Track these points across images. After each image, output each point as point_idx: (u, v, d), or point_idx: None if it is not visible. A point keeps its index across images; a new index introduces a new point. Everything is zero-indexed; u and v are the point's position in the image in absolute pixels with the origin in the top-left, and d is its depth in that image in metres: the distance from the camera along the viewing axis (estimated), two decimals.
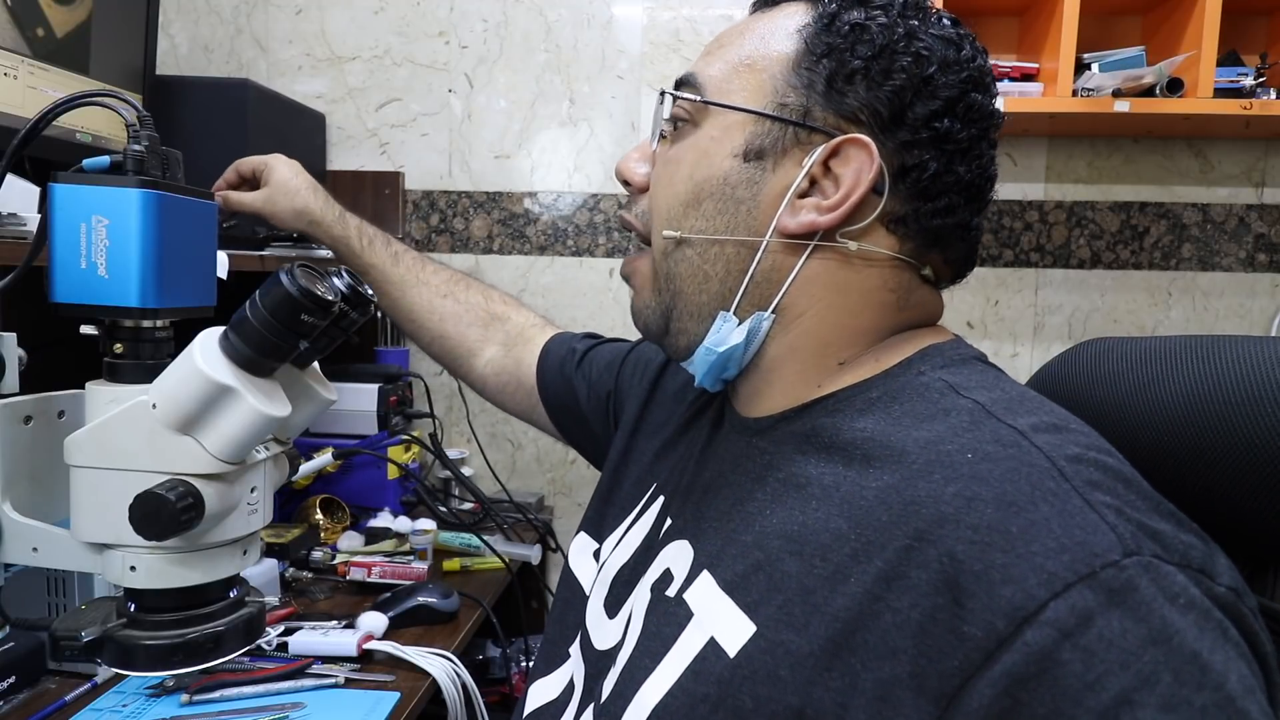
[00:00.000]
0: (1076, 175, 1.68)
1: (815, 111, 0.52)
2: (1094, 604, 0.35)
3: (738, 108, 0.53)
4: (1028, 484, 0.40)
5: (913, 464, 0.44)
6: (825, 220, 0.51)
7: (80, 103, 0.47)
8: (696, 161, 0.55)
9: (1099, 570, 0.36)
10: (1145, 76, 1.37)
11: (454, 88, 1.73)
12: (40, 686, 0.86)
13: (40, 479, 0.50)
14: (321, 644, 0.96)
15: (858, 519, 0.44)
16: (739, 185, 0.53)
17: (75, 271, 0.44)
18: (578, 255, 1.74)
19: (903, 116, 0.50)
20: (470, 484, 1.54)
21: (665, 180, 0.57)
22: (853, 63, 0.50)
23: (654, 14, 1.69)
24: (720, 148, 0.54)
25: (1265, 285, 1.67)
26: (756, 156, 0.53)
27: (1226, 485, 0.46)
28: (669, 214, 0.56)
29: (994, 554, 0.38)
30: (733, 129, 0.54)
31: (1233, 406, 0.46)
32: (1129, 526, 0.37)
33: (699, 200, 0.54)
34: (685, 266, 0.55)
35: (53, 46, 1.07)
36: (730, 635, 0.46)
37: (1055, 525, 0.38)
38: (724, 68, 0.55)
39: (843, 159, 0.51)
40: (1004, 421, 0.44)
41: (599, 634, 0.61)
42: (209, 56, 1.74)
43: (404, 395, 1.56)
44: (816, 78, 0.51)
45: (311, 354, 0.53)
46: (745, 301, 0.54)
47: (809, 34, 0.52)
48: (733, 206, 0.53)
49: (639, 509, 0.67)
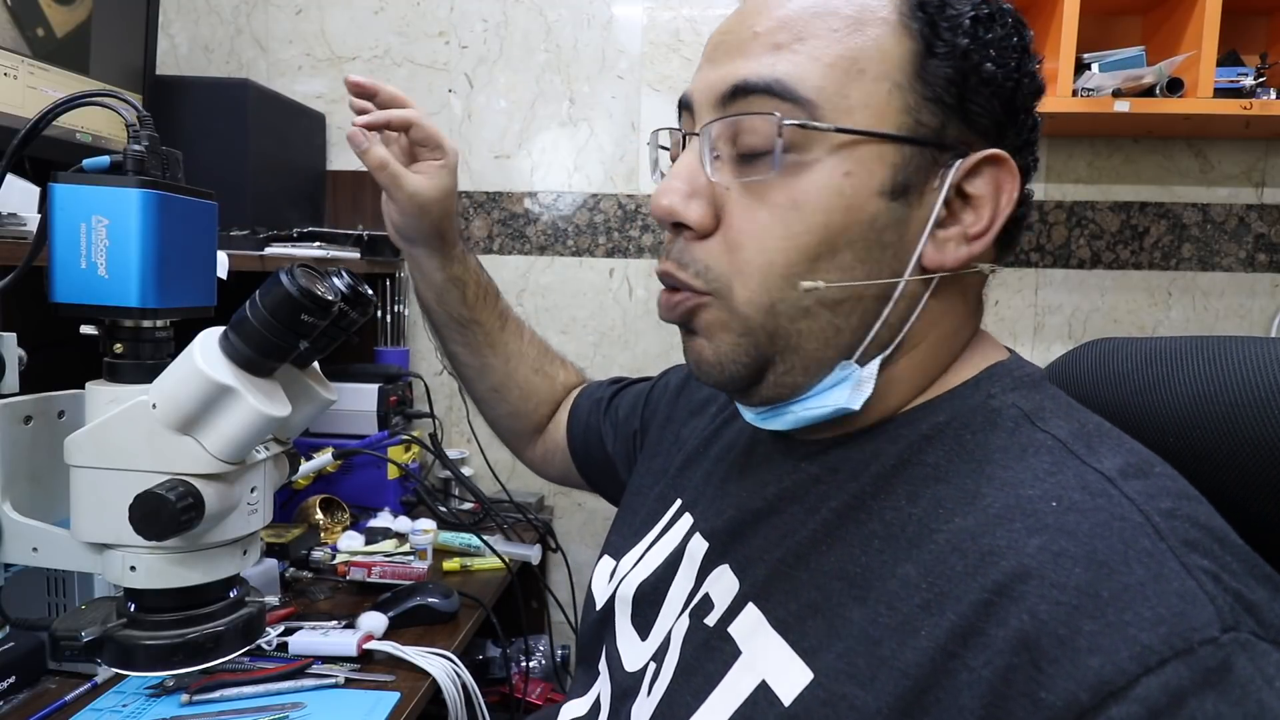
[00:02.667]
0: (1076, 175, 1.68)
1: (950, 129, 0.45)
2: (1188, 683, 0.32)
3: (882, 135, 0.44)
4: (1120, 542, 0.36)
5: (989, 507, 0.40)
6: (977, 250, 0.46)
7: (80, 103, 0.47)
8: (831, 205, 0.44)
9: (1196, 647, 0.33)
10: (1145, 76, 1.37)
11: (454, 88, 1.73)
12: (40, 686, 0.86)
13: (40, 479, 0.49)
14: (321, 644, 0.96)
15: (928, 565, 0.40)
16: (886, 229, 0.45)
17: (75, 271, 0.44)
18: (578, 255, 1.74)
19: (1016, 117, 0.46)
20: (470, 484, 1.54)
21: (777, 229, 0.45)
22: (985, 66, 0.44)
23: (654, 14, 1.69)
24: (861, 185, 0.44)
25: (1265, 285, 1.67)
26: (903, 193, 0.45)
27: (1232, 486, 0.46)
28: (789, 268, 0.45)
29: (1081, 619, 0.35)
30: (869, 160, 0.44)
31: (1239, 407, 0.46)
32: (1227, 598, 0.34)
33: (835, 250, 0.45)
34: (810, 324, 0.46)
35: (53, 46, 1.07)
36: (784, 681, 0.42)
37: (1150, 592, 0.34)
38: (829, 74, 0.44)
39: (977, 177, 0.46)
40: (1088, 464, 0.40)
41: (630, 654, 0.58)
42: (209, 56, 1.74)
43: (404, 395, 1.57)
44: (944, 84, 0.44)
45: (311, 354, 0.53)
46: (871, 347, 0.47)
47: (921, 26, 0.44)
48: (878, 253, 0.45)
49: (662, 525, 0.64)
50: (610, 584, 0.65)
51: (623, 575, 0.63)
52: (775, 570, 0.47)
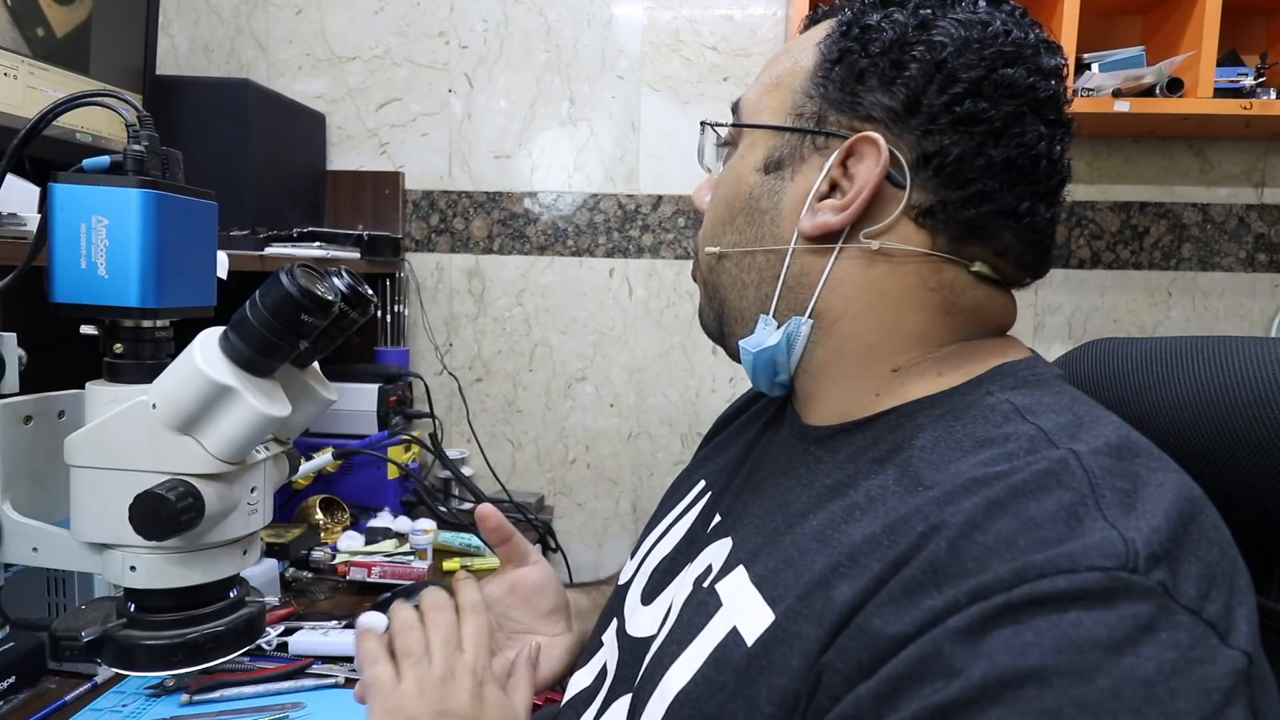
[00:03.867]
0: (1076, 175, 1.67)
1: (830, 117, 0.53)
2: (1058, 593, 0.34)
3: (758, 125, 0.57)
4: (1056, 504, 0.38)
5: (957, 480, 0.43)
6: (838, 220, 0.51)
7: (80, 103, 0.47)
8: (729, 181, 0.58)
9: (1082, 569, 0.34)
10: (1145, 76, 1.37)
11: (454, 88, 1.73)
12: (40, 686, 0.86)
13: (40, 479, 0.49)
14: (321, 644, 0.96)
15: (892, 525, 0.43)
16: (761, 197, 0.56)
17: (75, 271, 0.44)
18: (578, 255, 1.74)
19: (917, 106, 0.50)
20: (470, 484, 1.54)
21: (710, 205, 0.61)
22: (861, 63, 0.51)
23: (654, 14, 1.69)
24: (746, 164, 0.57)
25: (1265, 285, 1.67)
26: (776, 167, 0.55)
27: (1233, 486, 0.46)
28: (710, 232, 0.60)
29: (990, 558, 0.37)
30: (756, 145, 0.57)
31: (1239, 408, 0.46)
32: (1148, 549, 0.35)
33: (732, 216, 0.58)
34: (725, 277, 0.59)
35: (53, 46, 1.07)
36: (750, 624, 0.46)
37: (1061, 525, 0.37)
38: (759, 90, 0.58)
39: (857, 158, 0.51)
40: (1058, 445, 0.42)
41: (635, 621, 0.61)
42: (209, 56, 1.74)
43: (404, 395, 1.57)
44: (831, 84, 0.53)
45: (311, 354, 0.53)
46: (782, 306, 0.55)
47: (826, 44, 0.54)
48: (758, 218, 0.56)
49: (685, 504, 0.68)
50: (635, 559, 0.69)
51: (648, 550, 0.67)
52: (767, 537, 0.51)
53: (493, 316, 1.76)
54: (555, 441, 1.78)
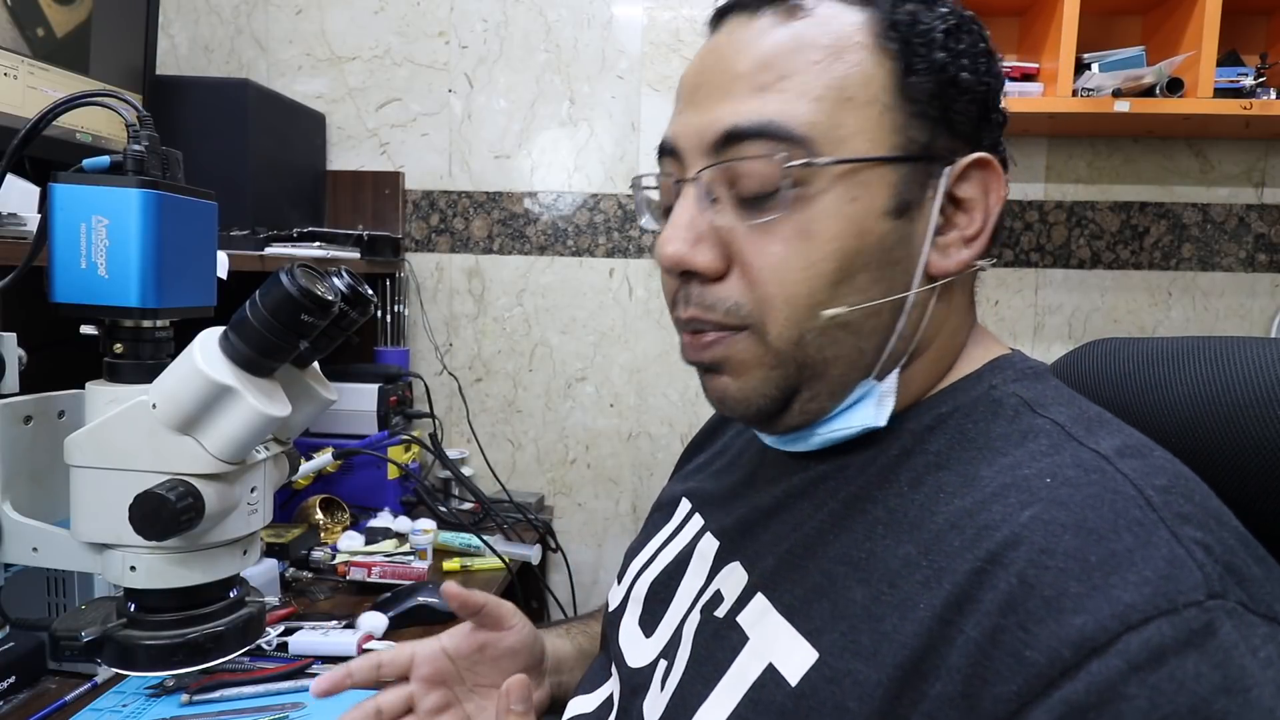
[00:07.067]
0: (1076, 175, 1.68)
1: (938, 140, 0.46)
2: (1170, 642, 0.33)
3: (881, 159, 0.45)
4: (1111, 512, 0.37)
5: (986, 487, 0.41)
6: (976, 251, 0.47)
7: (80, 103, 0.47)
8: (843, 231, 0.45)
9: (1181, 608, 0.33)
10: (1145, 76, 1.37)
11: (454, 88, 1.73)
12: (40, 686, 0.86)
13: (40, 479, 0.49)
14: (321, 644, 0.96)
15: (927, 544, 0.41)
16: (895, 246, 0.46)
17: (75, 271, 0.44)
18: (578, 255, 1.74)
19: (990, 116, 0.47)
20: (470, 484, 1.54)
21: (796, 261, 0.45)
22: (961, 75, 0.45)
23: (654, 14, 1.69)
24: (868, 209, 0.45)
25: (1265, 285, 1.67)
26: (906, 210, 0.46)
27: (1234, 486, 0.46)
28: (812, 296, 0.45)
29: (1068, 581, 0.35)
30: (872, 183, 0.45)
31: (1240, 408, 0.46)
32: (1217, 567, 0.35)
33: (852, 274, 0.45)
34: (836, 349, 0.46)
35: (53, 46, 1.07)
36: (791, 662, 0.43)
37: (1138, 557, 0.35)
38: (819, 108, 0.45)
39: (966, 181, 0.47)
40: (1085, 445, 0.41)
41: (632, 651, 0.59)
42: (209, 56, 1.74)
43: (404, 395, 1.57)
44: (927, 98, 0.46)
45: (311, 354, 0.53)
46: (888, 361, 0.48)
47: (898, 46, 0.45)
48: (890, 270, 0.46)
49: (674, 526, 0.65)
50: (623, 585, 0.66)
51: (635, 574, 0.64)
52: (783, 561, 0.48)
53: (493, 316, 1.76)
54: (555, 441, 1.78)
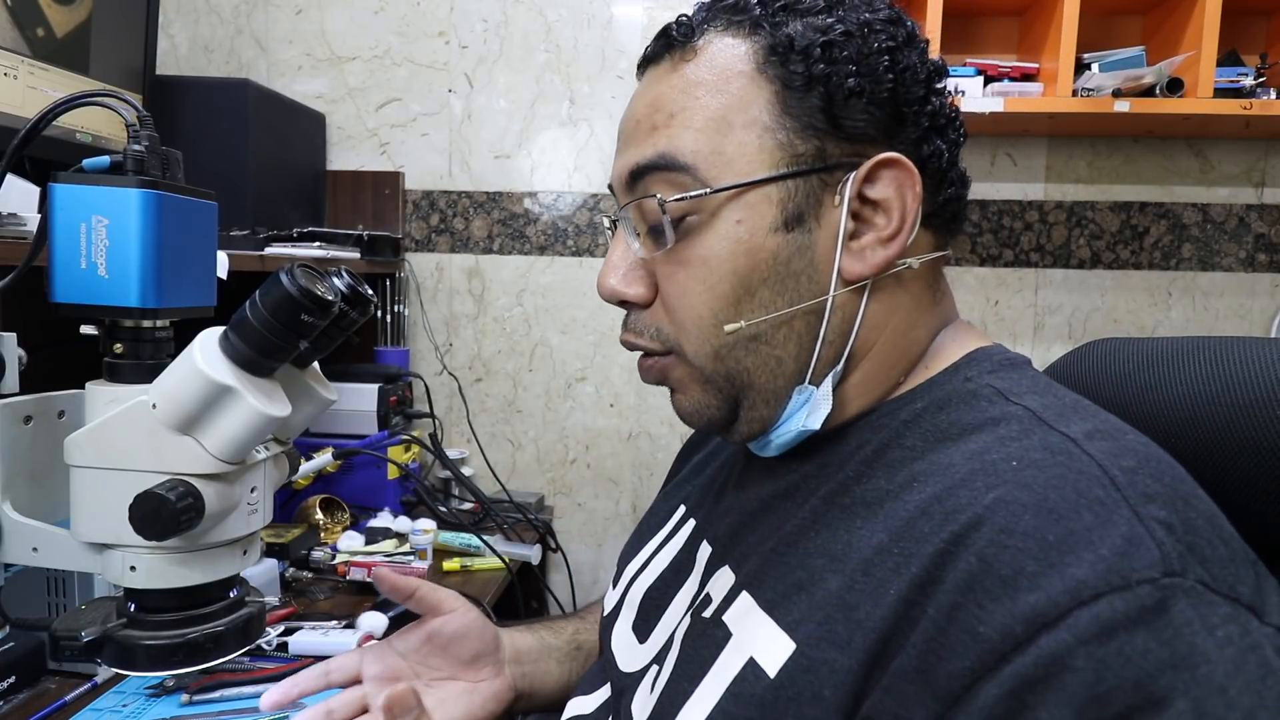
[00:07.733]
0: (1076, 175, 1.68)
1: (830, 148, 0.48)
2: (1120, 617, 0.33)
3: (759, 180, 0.47)
4: (1073, 492, 0.37)
5: (956, 473, 0.42)
6: (895, 251, 0.48)
7: (80, 103, 0.47)
8: (733, 253, 0.48)
9: (1134, 585, 0.34)
10: (1145, 76, 1.37)
11: (454, 88, 1.73)
12: (40, 686, 0.86)
13: (40, 479, 0.49)
14: (321, 644, 0.96)
15: (899, 531, 0.42)
16: (791, 258, 0.48)
17: (75, 271, 0.44)
18: (578, 255, 1.74)
19: (902, 114, 0.48)
20: (470, 484, 1.54)
21: (696, 286, 0.49)
22: (846, 83, 0.46)
23: (654, 14, 1.69)
24: (755, 228, 0.48)
25: (1265, 285, 1.67)
26: (798, 222, 0.48)
27: (1235, 486, 0.46)
28: (716, 317, 0.49)
29: (1025, 560, 0.36)
30: (759, 204, 0.48)
31: (1241, 408, 0.46)
32: (1178, 546, 0.35)
33: (751, 291, 0.48)
34: (753, 359, 0.50)
35: (53, 46, 1.07)
36: (770, 655, 0.44)
37: (1096, 536, 0.35)
38: (700, 138, 0.48)
39: (878, 183, 0.48)
40: (1055, 429, 0.42)
41: (625, 656, 0.60)
42: (209, 56, 1.74)
43: (404, 395, 1.57)
44: (811, 112, 0.47)
45: (311, 354, 0.53)
46: (820, 365, 0.50)
47: (777, 68, 0.48)
48: (792, 282, 0.48)
49: (667, 531, 0.66)
50: (617, 589, 0.67)
51: (630, 579, 0.65)
52: (766, 559, 0.49)
53: (493, 316, 1.76)
54: (555, 441, 1.78)
